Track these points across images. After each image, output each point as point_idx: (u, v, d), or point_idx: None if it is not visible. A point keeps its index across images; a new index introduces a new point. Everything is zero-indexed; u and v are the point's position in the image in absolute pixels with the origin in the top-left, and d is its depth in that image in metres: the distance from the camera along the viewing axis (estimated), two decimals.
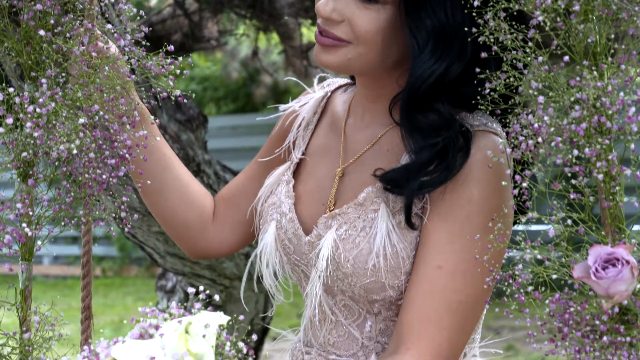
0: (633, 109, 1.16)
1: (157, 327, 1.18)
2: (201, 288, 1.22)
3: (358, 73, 1.46)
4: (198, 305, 1.21)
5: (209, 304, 1.22)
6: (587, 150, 1.17)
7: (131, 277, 9.46)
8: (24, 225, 1.31)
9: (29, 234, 1.31)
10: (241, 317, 1.23)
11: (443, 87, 1.35)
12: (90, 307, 1.70)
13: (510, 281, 1.20)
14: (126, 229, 1.46)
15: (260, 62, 5.31)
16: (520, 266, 1.20)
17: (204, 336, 1.16)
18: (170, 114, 2.78)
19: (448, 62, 1.33)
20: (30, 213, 1.32)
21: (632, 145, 1.18)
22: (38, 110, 1.27)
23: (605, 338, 1.16)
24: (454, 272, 1.33)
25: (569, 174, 1.18)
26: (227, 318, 1.20)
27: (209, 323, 1.18)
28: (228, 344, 1.17)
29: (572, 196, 1.19)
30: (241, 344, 1.21)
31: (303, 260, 1.46)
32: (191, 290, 1.22)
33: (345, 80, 1.62)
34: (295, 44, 3.97)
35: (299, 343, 1.51)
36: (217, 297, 1.25)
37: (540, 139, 1.18)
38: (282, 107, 1.63)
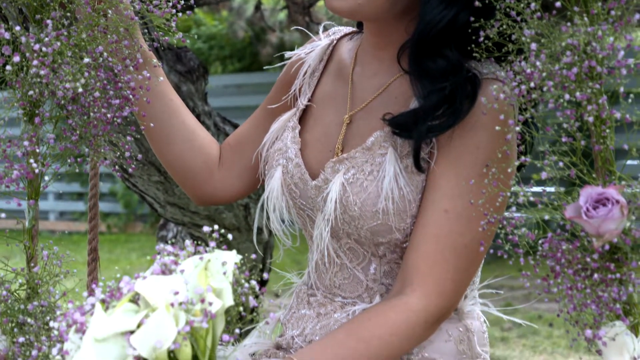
0: (622, 53, 1.18)
1: (175, 263, 1.19)
2: (216, 227, 1.24)
3: (367, 19, 1.48)
4: (212, 244, 1.22)
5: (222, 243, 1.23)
6: (577, 94, 1.19)
7: (136, 233, 9.51)
8: (32, 161, 1.33)
9: (37, 170, 1.34)
10: (253, 256, 1.25)
11: (452, 34, 1.36)
12: (97, 249, 1.73)
13: (505, 223, 1.23)
14: (130, 169, 1.48)
15: (264, 18, 5.30)
16: (514, 208, 1.23)
17: (224, 273, 1.16)
18: (171, 65, 2.80)
19: (457, 9, 1.35)
20: (37, 150, 1.35)
21: (622, 89, 1.20)
22: (44, 49, 1.29)
23: (595, 275, 1.20)
24: (460, 216, 1.36)
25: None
26: (239, 257, 1.22)
27: (226, 261, 1.18)
28: (243, 281, 1.19)
29: (563, 139, 1.21)
30: (254, 282, 1.21)
31: (309, 205, 1.49)
32: (206, 228, 1.23)
33: (350, 29, 1.64)
34: (298, 0, 3.96)
35: (304, 286, 1.55)
36: (230, 236, 1.26)
37: (532, 84, 1.20)
38: (287, 54, 1.65)
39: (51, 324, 1.18)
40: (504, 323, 4.98)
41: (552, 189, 1.22)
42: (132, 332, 1.10)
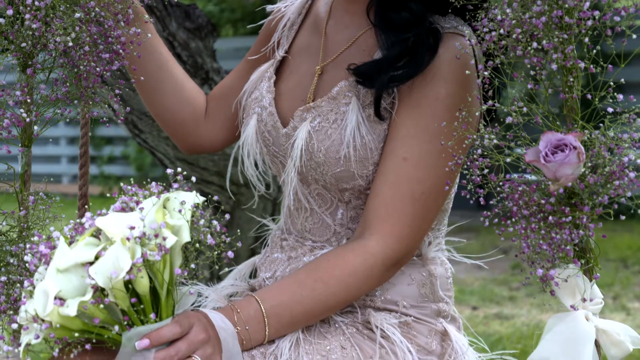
0: (588, 4, 1.22)
1: (137, 203, 1.22)
2: (179, 170, 1.25)
3: None
4: (176, 185, 1.24)
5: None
6: (544, 42, 1.23)
7: None
8: (21, 110, 1.39)
9: (27, 119, 1.40)
10: (215, 198, 1.31)
11: None
12: (87, 195, 1.80)
13: (469, 164, 1.28)
14: (119, 120, 1.54)
15: None
16: (479, 151, 1.26)
17: (179, 211, 1.20)
18: (179, 22, 2.81)
19: None
20: (29, 100, 1.41)
21: (587, 39, 1.25)
22: (37, 3, 1.35)
23: (550, 218, 1.18)
24: (418, 163, 1.36)
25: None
26: (202, 198, 1.23)
27: (185, 200, 1.21)
28: (202, 221, 1.21)
29: (529, 86, 1.26)
30: (215, 222, 1.23)
31: (281, 152, 1.49)
32: (169, 170, 1.26)
33: None
34: None
35: (278, 231, 1.55)
36: (193, 179, 1.33)
37: (502, 31, 1.25)
38: (269, 7, 1.64)
39: (26, 258, 1.22)
40: (512, 282, 5.03)
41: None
42: (91, 264, 1.15)
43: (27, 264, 1.23)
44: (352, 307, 1.44)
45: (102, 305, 1.15)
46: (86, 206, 1.63)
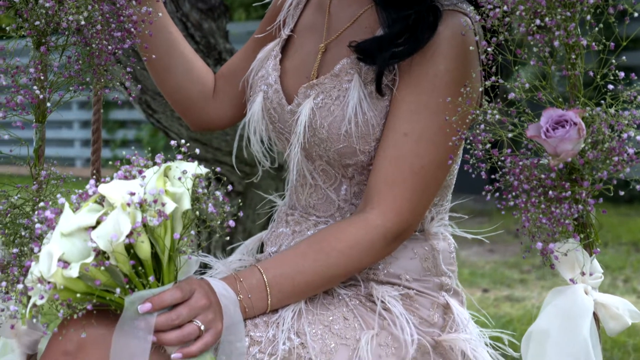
0: None
1: (140, 172, 1.24)
2: (182, 141, 1.27)
3: None
4: (179, 156, 1.25)
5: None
6: (547, 20, 1.25)
7: None
8: (35, 87, 1.40)
9: (40, 96, 1.43)
10: (218, 169, 1.34)
11: None
12: (100, 170, 1.83)
13: (472, 139, 1.30)
14: (130, 98, 1.58)
15: None
16: (482, 126, 1.27)
17: (179, 179, 1.22)
18: (193, 3, 2.81)
19: None
20: (42, 77, 1.45)
21: (589, 16, 1.27)
22: None
23: (550, 192, 1.19)
24: (419, 139, 1.36)
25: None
26: (205, 170, 1.24)
27: (186, 170, 1.22)
28: (201, 190, 1.22)
29: (532, 62, 1.28)
30: (218, 193, 1.24)
31: (286, 128, 1.49)
32: (173, 142, 1.27)
33: None
34: None
35: (284, 206, 1.56)
36: (197, 151, 1.35)
37: (506, 8, 1.27)
38: None
39: (37, 226, 1.25)
40: (523, 265, 5.05)
41: None
42: (94, 228, 1.18)
43: (35, 232, 1.27)
44: (355, 280, 1.44)
45: (103, 268, 1.17)
46: (94, 176, 1.67)
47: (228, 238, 1.32)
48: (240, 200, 2.88)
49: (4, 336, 1.55)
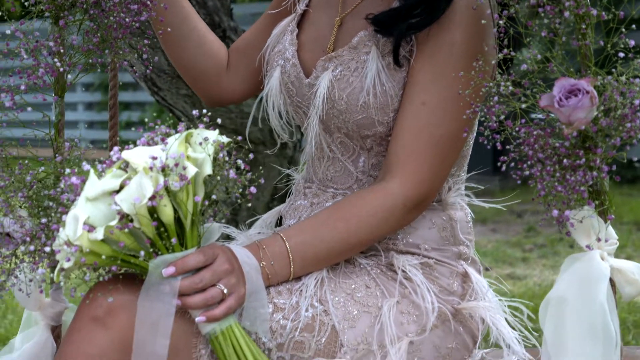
0: None
1: (163, 140, 1.31)
2: (204, 111, 1.35)
3: None
4: (201, 125, 1.33)
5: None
6: None
7: None
8: (55, 60, 1.46)
9: (61, 69, 1.46)
10: (239, 137, 1.39)
11: None
12: (117, 143, 1.87)
13: (486, 111, 1.34)
14: (147, 71, 1.60)
15: None
16: (496, 98, 1.33)
17: (200, 144, 1.29)
18: None
19: None
20: (62, 50, 1.48)
21: None
22: None
23: (565, 161, 1.27)
24: (437, 108, 1.43)
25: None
26: (227, 139, 1.33)
27: (207, 137, 1.30)
28: (222, 154, 1.30)
29: (543, 34, 1.32)
30: (240, 161, 1.32)
31: (304, 102, 1.56)
32: (195, 112, 1.35)
33: None
34: None
35: (302, 180, 1.63)
36: (219, 120, 1.39)
37: None
38: None
39: (63, 197, 1.33)
40: (525, 244, 5.10)
41: None
42: (118, 192, 1.26)
43: (61, 200, 1.31)
44: (376, 250, 1.52)
45: (127, 230, 1.25)
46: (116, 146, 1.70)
47: (250, 205, 1.35)
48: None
49: (28, 308, 1.61)
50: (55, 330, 1.61)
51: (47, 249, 1.31)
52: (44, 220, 1.38)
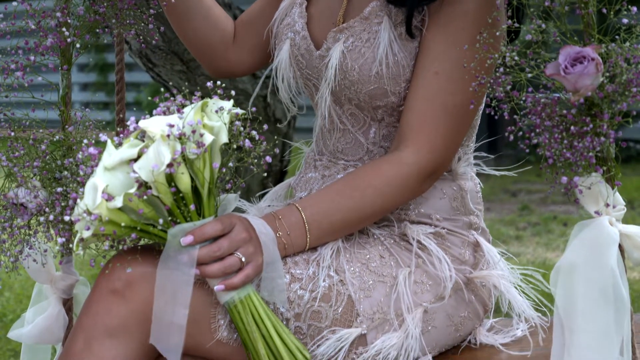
0: None
1: (178, 110, 1.38)
2: (218, 83, 1.41)
3: None
4: (215, 97, 1.40)
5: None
6: None
7: None
8: (64, 29, 1.49)
9: (69, 39, 1.49)
10: (253, 109, 1.41)
11: None
12: (124, 120, 1.89)
13: (492, 81, 1.37)
14: (154, 41, 1.63)
15: None
16: (501, 69, 1.37)
17: (217, 112, 1.36)
18: None
19: None
20: (69, 21, 1.50)
21: None
22: None
23: (572, 128, 1.34)
24: (450, 77, 1.50)
25: None
26: (241, 111, 1.39)
27: (223, 106, 1.37)
28: (238, 123, 1.37)
29: (546, 3, 1.34)
30: (254, 132, 1.39)
31: (314, 74, 1.63)
32: (209, 83, 1.41)
33: None
34: None
35: (312, 152, 1.70)
36: (232, 92, 1.42)
37: None
38: None
39: (81, 169, 1.38)
40: (519, 223, 5.15)
41: None
42: (135, 161, 1.31)
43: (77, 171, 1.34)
44: (389, 220, 1.61)
45: (145, 197, 1.32)
46: (122, 122, 1.73)
47: (265, 174, 1.38)
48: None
49: (39, 281, 1.65)
50: (66, 303, 1.65)
51: (67, 218, 1.38)
52: (59, 189, 1.41)
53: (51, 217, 1.44)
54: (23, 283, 3.91)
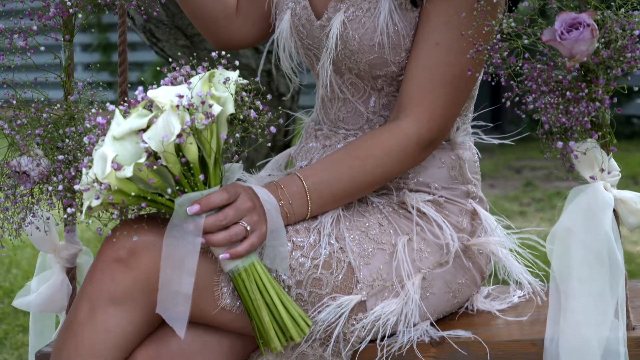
0: None
1: (186, 80, 1.39)
2: (223, 53, 1.43)
3: None
4: (220, 67, 1.41)
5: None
6: None
7: None
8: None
9: (71, 10, 1.50)
10: (258, 79, 1.42)
11: None
12: (127, 81, 1.91)
13: (489, 48, 1.38)
14: (155, 13, 1.64)
15: None
16: (498, 36, 1.38)
17: (224, 83, 1.37)
18: None
19: None
20: None
21: None
22: None
23: (568, 93, 1.36)
24: (450, 48, 1.51)
25: None
26: (245, 81, 1.41)
27: (229, 77, 1.38)
28: (244, 93, 1.39)
29: None
30: (258, 102, 1.40)
31: (315, 44, 1.63)
32: (214, 53, 1.43)
33: None
34: None
35: (312, 122, 1.71)
36: (237, 62, 1.44)
37: None
38: None
39: (85, 139, 1.39)
40: (523, 199, 5.17)
41: None
42: (144, 131, 1.32)
43: (84, 144, 1.35)
44: (388, 189, 1.63)
45: (155, 167, 1.33)
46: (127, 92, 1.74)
47: (269, 144, 1.39)
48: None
49: (43, 251, 1.67)
50: (70, 272, 1.66)
51: (77, 187, 1.38)
52: (60, 157, 1.42)
53: (60, 187, 1.45)
54: (30, 260, 3.95)
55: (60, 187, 1.45)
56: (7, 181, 1.50)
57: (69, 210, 1.42)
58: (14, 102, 1.49)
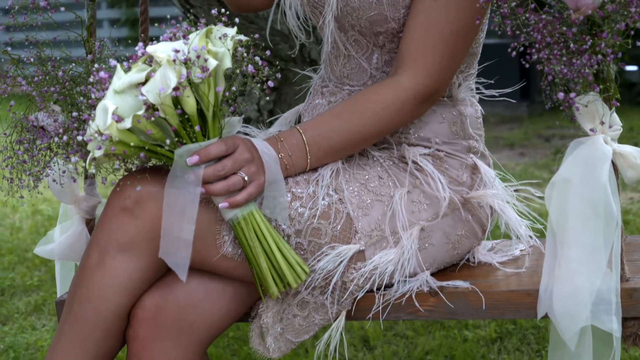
0: None
1: (184, 37, 1.32)
2: (222, 10, 1.35)
3: None
4: (220, 24, 1.34)
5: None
6: None
7: None
8: None
9: None
10: (256, 36, 1.40)
11: None
12: (147, 42, 1.89)
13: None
14: None
15: None
16: None
17: (220, 38, 1.30)
18: None
19: None
20: None
21: None
22: None
23: (572, 45, 1.28)
24: (448, 4, 1.41)
25: None
26: (245, 37, 1.33)
27: (227, 33, 1.31)
28: (241, 49, 1.32)
29: None
30: (257, 58, 1.33)
31: (319, 1, 1.55)
32: (214, 11, 1.34)
33: None
34: None
35: (319, 79, 1.63)
36: (237, 20, 1.38)
37: None
38: None
39: (92, 94, 1.34)
40: (553, 166, 5.07)
41: None
42: (144, 85, 1.29)
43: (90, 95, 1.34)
44: (388, 143, 1.52)
45: (153, 119, 1.28)
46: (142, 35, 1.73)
47: (268, 98, 1.37)
48: (275, 96, 2.93)
49: (64, 202, 1.66)
50: (89, 223, 1.66)
51: (80, 137, 1.33)
52: (75, 113, 1.42)
53: (65, 138, 1.40)
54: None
55: (80, 138, 1.45)
56: (26, 135, 1.45)
57: (73, 159, 1.37)
58: (32, 59, 1.43)
